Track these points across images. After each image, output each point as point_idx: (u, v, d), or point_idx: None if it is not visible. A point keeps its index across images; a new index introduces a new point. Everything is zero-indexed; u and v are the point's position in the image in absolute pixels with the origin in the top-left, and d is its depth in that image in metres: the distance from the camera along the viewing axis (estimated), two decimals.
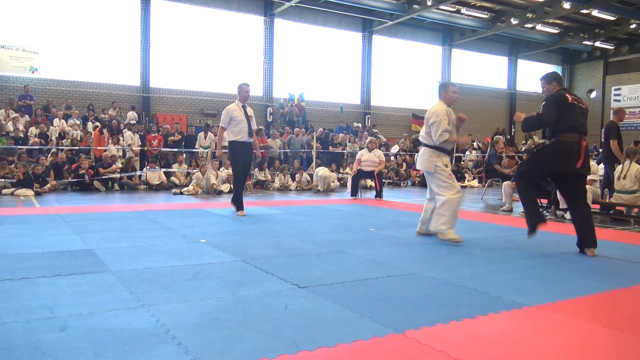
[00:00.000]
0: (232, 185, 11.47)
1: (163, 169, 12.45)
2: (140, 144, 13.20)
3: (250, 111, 7.36)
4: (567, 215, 7.56)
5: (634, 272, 4.05)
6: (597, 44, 24.92)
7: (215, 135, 13.86)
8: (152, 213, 7.27)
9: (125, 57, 16.96)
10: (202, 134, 13.83)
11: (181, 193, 10.80)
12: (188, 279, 3.48)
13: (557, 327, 2.69)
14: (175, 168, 12.65)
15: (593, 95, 26.96)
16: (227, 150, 7.56)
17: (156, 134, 13.51)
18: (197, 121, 17.13)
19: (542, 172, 4.82)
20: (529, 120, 4.77)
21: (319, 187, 12.21)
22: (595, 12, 19.36)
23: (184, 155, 13.32)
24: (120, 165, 12.03)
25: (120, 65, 16.91)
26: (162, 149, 13.14)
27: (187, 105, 17.84)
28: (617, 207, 7.81)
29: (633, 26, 20.88)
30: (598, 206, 7.91)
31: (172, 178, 12.35)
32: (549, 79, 4.86)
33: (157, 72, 17.39)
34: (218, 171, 11.62)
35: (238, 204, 7.27)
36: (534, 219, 4.73)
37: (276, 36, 19.23)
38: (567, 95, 4.59)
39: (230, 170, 12.05)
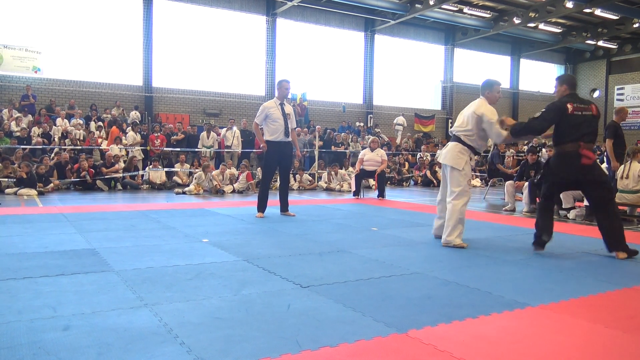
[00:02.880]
0: (234, 186, 11.51)
1: (166, 169, 12.47)
2: (142, 143, 13.23)
3: (289, 109, 7.02)
4: (570, 215, 7.55)
5: (636, 271, 4.04)
6: (600, 43, 24.85)
7: (218, 135, 13.92)
8: (155, 213, 7.28)
9: (127, 56, 16.99)
10: (204, 133, 13.85)
11: (184, 193, 10.82)
12: (190, 279, 3.48)
13: (559, 327, 2.69)
14: (177, 168, 12.67)
15: (596, 94, 26.89)
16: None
17: (159, 134, 13.53)
18: (199, 121, 17.14)
19: (554, 185, 4.82)
20: (516, 127, 4.82)
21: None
22: (598, 12, 19.30)
23: (186, 154, 13.33)
24: (123, 165, 12.06)
25: (123, 65, 16.95)
26: (165, 149, 13.16)
27: (189, 105, 17.86)
28: (620, 207, 7.79)
29: (636, 25, 20.81)
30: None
31: (175, 178, 12.37)
32: (561, 80, 4.86)
33: (160, 72, 17.42)
34: (226, 171, 11.63)
35: (261, 204, 7.01)
36: (545, 237, 4.73)
37: (278, 36, 19.24)
38: (568, 105, 4.54)
39: (233, 171, 12.11)
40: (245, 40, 18.81)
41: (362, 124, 20.10)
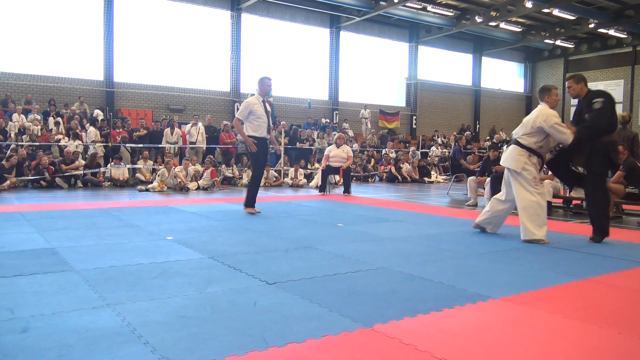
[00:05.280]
0: (199, 183, 11.38)
1: (128, 166, 12.21)
2: (103, 140, 12.91)
3: (269, 106, 7.13)
4: None
5: (591, 264, 4.20)
6: (558, 42, 25.61)
7: (175, 129, 13.68)
8: (117, 210, 7.13)
9: (88, 50, 16.52)
10: (168, 129, 13.62)
11: (147, 190, 10.62)
12: (154, 277, 3.43)
13: (520, 319, 2.77)
14: (140, 164, 12.43)
15: None
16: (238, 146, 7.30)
17: (121, 130, 13.23)
18: (162, 116, 16.85)
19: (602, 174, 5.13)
20: (582, 131, 4.97)
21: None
22: (556, 12, 19.87)
23: (147, 151, 13.09)
24: (83, 162, 11.75)
25: (83, 58, 16.46)
26: (127, 144, 12.88)
27: (152, 101, 17.53)
28: (576, 202, 8.08)
29: (592, 25, 21.53)
30: (561, 200, 8.16)
31: (138, 175, 12.13)
32: (577, 79, 5.11)
33: (122, 67, 17.01)
34: (190, 168, 11.47)
35: (250, 200, 7.01)
36: (606, 228, 5.10)
37: (243, 31, 19.07)
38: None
39: (197, 167, 11.96)
40: (210, 35, 18.56)
41: (328, 120, 20.15)
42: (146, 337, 2.34)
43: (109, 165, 11.92)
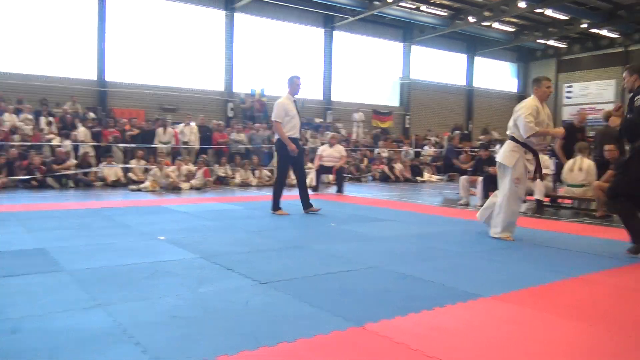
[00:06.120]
0: (191, 183, 11.34)
1: (121, 165, 12.16)
2: (93, 139, 12.82)
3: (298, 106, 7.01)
4: (521, 208, 7.78)
5: (577, 262, 4.23)
6: (550, 42, 25.72)
7: (167, 130, 13.64)
8: (109, 210, 7.10)
9: (80, 49, 16.42)
10: (161, 129, 13.57)
11: (139, 190, 10.58)
12: (146, 277, 3.42)
13: (510, 317, 2.79)
14: (133, 164, 12.38)
15: None
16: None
17: (113, 129, 13.17)
18: (155, 116, 16.77)
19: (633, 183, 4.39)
20: (625, 126, 4.47)
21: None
22: (549, 12, 19.96)
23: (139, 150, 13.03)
24: (75, 162, 11.68)
25: (76, 58, 16.36)
26: (119, 144, 12.83)
27: (145, 100, 17.44)
28: (566, 200, 8.14)
29: (584, 25, 21.65)
30: (548, 199, 8.21)
31: (130, 174, 12.08)
32: (632, 69, 4.49)
33: (115, 66, 16.92)
34: (182, 167, 11.45)
35: (275, 202, 6.88)
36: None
37: (237, 30, 19.02)
38: None
39: (190, 167, 11.93)
40: (203, 35, 18.50)
41: (321, 120, 20.15)
42: (137, 337, 2.33)
43: (100, 164, 11.86)
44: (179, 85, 17.96)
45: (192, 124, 14.09)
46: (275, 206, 6.89)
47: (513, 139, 5.12)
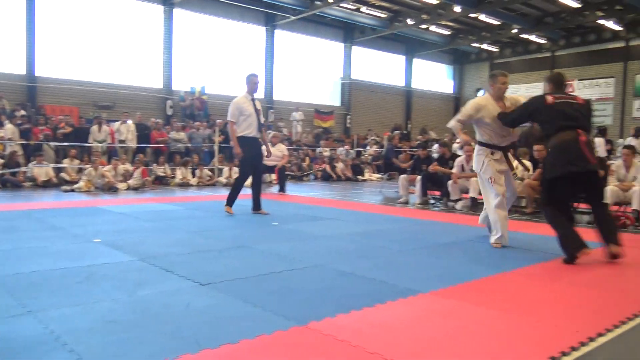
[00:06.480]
0: (128, 183, 10.98)
1: (52, 165, 11.59)
2: (21, 137, 12.16)
3: (258, 104, 6.88)
4: (457, 206, 8.08)
5: (513, 256, 4.43)
6: (484, 46, 26.80)
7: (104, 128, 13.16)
8: (39, 212, 6.75)
9: (7, 43, 15.49)
10: (95, 127, 13.04)
11: (72, 190, 10.13)
12: (80, 282, 3.29)
13: (448, 311, 2.88)
14: (66, 163, 11.83)
15: (480, 94, 28.94)
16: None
17: (43, 127, 12.53)
18: (90, 113, 16.09)
19: (555, 187, 4.24)
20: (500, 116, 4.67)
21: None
22: (482, 17, 20.77)
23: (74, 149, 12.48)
24: (2, 161, 11.03)
25: (2, 51, 15.42)
26: (50, 143, 12.22)
27: (78, 97, 16.69)
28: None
29: (515, 31, 22.68)
30: None
31: (62, 174, 11.54)
32: (546, 79, 4.63)
33: (45, 60, 16.08)
34: (119, 167, 11.04)
35: (231, 198, 6.86)
36: (570, 245, 4.11)
37: (176, 26, 18.55)
38: (547, 96, 4.31)
39: (127, 166, 11.54)
40: (141, 30, 17.92)
41: (263, 119, 20.03)
42: (71, 344, 2.24)
43: (30, 164, 11.26)
44: (115, 82, 17.32)
45: (129, 121, 13.63)
46: (229, 201, 6.88)
47: (479, 142, 4.97)
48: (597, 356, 2.33)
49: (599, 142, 12.28)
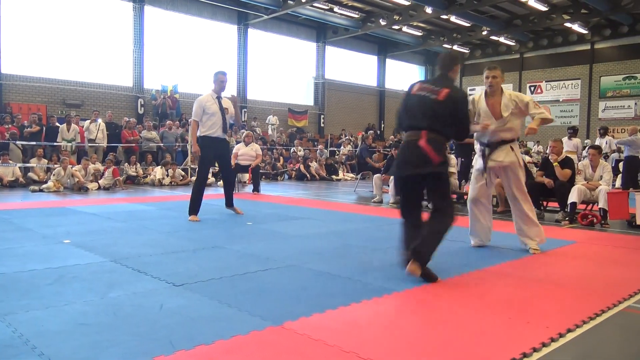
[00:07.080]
0: (99, 182, 10.78)
1: (19, 164, 11.28)
2: None
3: (226, 103, 6.60)
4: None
5: (486, 254, 4.51)
6: (455, 47, 27.17)
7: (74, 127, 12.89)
8: (6, 213, 6.57)
9: None
10: (64, 125, 12.74)
11: (40, 190, 9.89)
12: (50, 284, 3.21)
13: (422, 309, 2.92)
14: (33, 163, 11.53)
15: None
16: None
17: (10, 125, 12.19)
18: (58, 112, 15.72)
19: (399, 182, 4.03)
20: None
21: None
22: (453, 18, 21.04)
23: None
24: None
25: None
26: (17, 142, 11.90)
27: (46, 95, 16.30)
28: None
29: (484, 33, 23.09)
30: (455, 196, 8.67)
31: (30, 174, 11.26)
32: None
33: (11, 57, 15.64)
34: (89, 166, 10.82)
35: (193, 206, 6.27)
36: (404, 253, 3.70)
37: (147, 24, 18.26)
38: (415, 85, 3.86)
39: (97, 166, 11.32)
40: (111, 28, 17.58)
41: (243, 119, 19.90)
42: (41, 348, 2.19)
43: None
44: (84, 80, 16.96)
45: (99, 120, 13.37)
46: (192, 210, 6.31)
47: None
48: (566, 351, 2.39)
49: (575, 143, 12.48)
